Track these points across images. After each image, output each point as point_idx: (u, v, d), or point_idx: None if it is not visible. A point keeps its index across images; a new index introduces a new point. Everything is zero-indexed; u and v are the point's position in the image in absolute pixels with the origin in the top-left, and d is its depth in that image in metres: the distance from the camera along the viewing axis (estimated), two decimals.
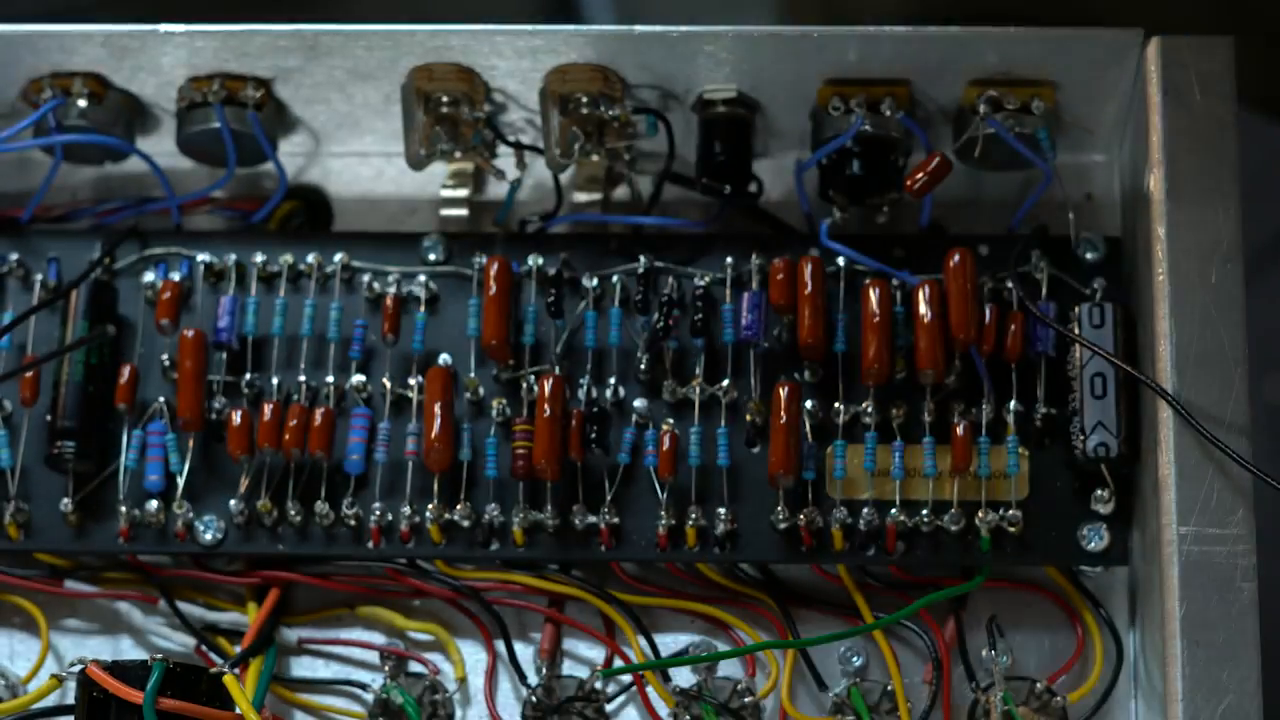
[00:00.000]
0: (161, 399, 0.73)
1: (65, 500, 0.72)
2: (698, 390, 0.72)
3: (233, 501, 0.72)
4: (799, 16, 0.98)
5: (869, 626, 0.71)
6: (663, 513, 0.71)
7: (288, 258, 0.74)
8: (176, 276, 0.74)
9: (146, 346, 0.74)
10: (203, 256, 0.74)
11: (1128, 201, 0.74)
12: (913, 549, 0.71)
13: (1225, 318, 0.67)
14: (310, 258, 0.74)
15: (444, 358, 0.73)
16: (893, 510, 0.70)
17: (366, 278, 0.74)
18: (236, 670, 0.70)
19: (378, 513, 0.71)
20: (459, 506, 0.71)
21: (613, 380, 0.73)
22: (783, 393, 0.70)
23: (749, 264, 0.73)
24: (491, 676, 0.73)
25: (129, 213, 0.77)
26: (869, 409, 0.71)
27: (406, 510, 0.71)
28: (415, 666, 0.73)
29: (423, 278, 0.74)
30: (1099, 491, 0.70)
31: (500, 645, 0.73)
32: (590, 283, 0.73)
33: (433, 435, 0.70)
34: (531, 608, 0.73)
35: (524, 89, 0.73)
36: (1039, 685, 0.71)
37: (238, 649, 0.71)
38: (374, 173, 0.78)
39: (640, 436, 0.72)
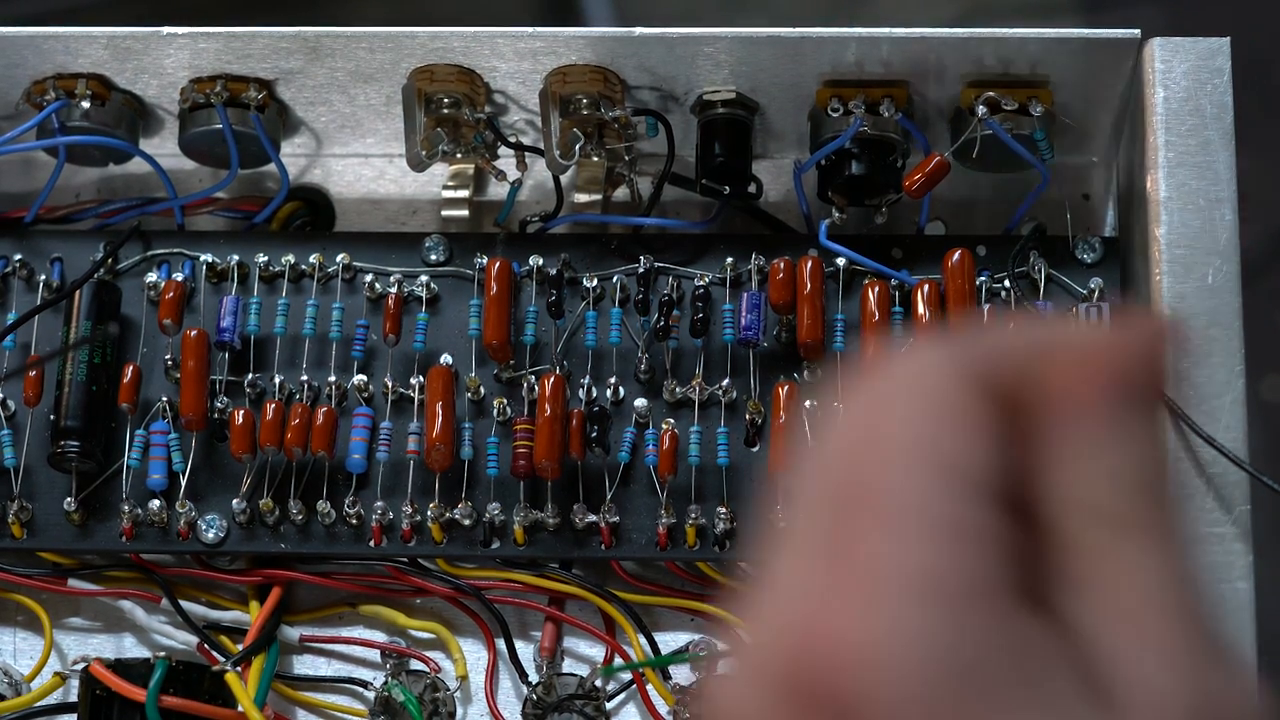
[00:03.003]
0: (164, 398, 0.73)
1: (68, 499, 0.72)
2: (698, 390, 0.72)
3: (235, 500, 0.72)
4: None
5: None
6: (662, 511, 0.71)
7: (290, 258, 0.75)
8: (179, 277, 0.74)
9: (149, 346, 0.74)
10: (205, 257, 0.75)
11: (1125, 202, 0.74)
12: None
13: (1222, 317, 0.67)
14: (312, 258, 0.74)
15: (445, 357, 0.73)
16: None
17: (368, 278, 0.74)
18: (238, 668, 0.70)
19: (379, 512, 0.71)
20: (460, 505, 0.71)
21: (613, 380, 0.73)
22: (782, 392, 0.70)
23: (749, 264, 0.74)
24: (492, 674, 0.73)
25: (132, 213, 0.77)
26: None
27: (408, 509, 0.71)
28: (416, 664, 0.73)
29: (424, 278, 0.74)
30: None
31: (501, 643, 0.73)
32: (590, 283, 0.74)
33: (434, 434, 0.71)
34: (532, 606, 0.73)
35: (524, 90, 0.74)
36: None
37: (240, 647, 0.71)
38: (375, 174, 0.79)
39: (640, 436, 0.72)
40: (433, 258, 0.75)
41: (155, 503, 0.72)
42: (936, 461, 0.39)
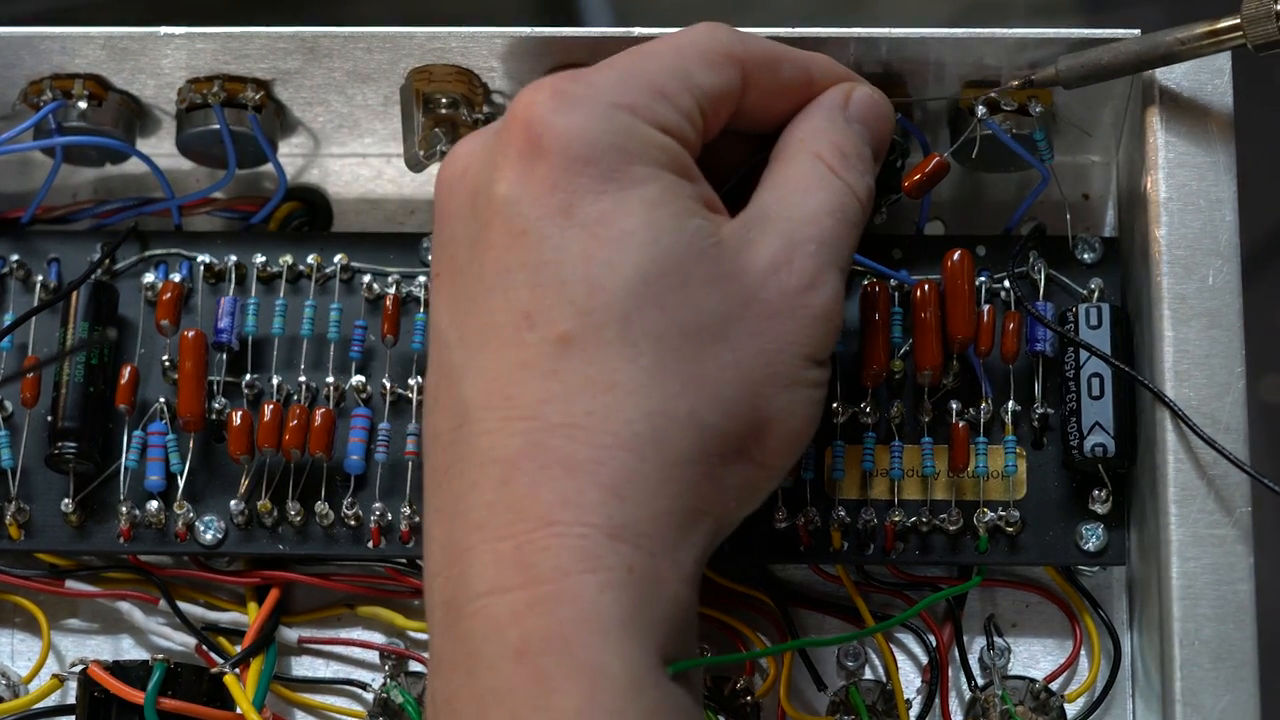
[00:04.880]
0: (162, 399, 0.73)
1: (66, 500, 0.72)
2: None
3: (233, 502, 0.72)
4: None
5: (872, 629, 0.71)
6: None
7: (287, 258, 0.74)
8: (177, 277, 0.74)
9: (147, 347, 0.74)
10: (203, 257, 0.74)
11: (1125, 202, 0.74)
12: (910, 549, 0.71)
13: (1222, 319, 0.67)
14: (310, 258, 0.74)
15: None
16: (890, 510, 0.71)
17: (366, 278, 0.74)
18: (237, 670, 0.70)
19: (378, 513, 0.71)
20: None
21: None
22: None
23: None
24: None
25: (129, 214, 0.77)
26: (867, 409, 0.72)
27: (406, 510, 0.71)
28: (415, 666, 0.73)
29: (422, 278, 0.74)
30: (1096, 492, 0.70)
31: None
32: None
33: None
34: None
35: None
36: (1037, 685, 0.71)
37: (238, 649, 0.71)
38: (373, 173, 0.79)
39: None
40: (430, 258, 0.74)
41: (153, 504, 0.72)
42: (677, 65, 0.61)
